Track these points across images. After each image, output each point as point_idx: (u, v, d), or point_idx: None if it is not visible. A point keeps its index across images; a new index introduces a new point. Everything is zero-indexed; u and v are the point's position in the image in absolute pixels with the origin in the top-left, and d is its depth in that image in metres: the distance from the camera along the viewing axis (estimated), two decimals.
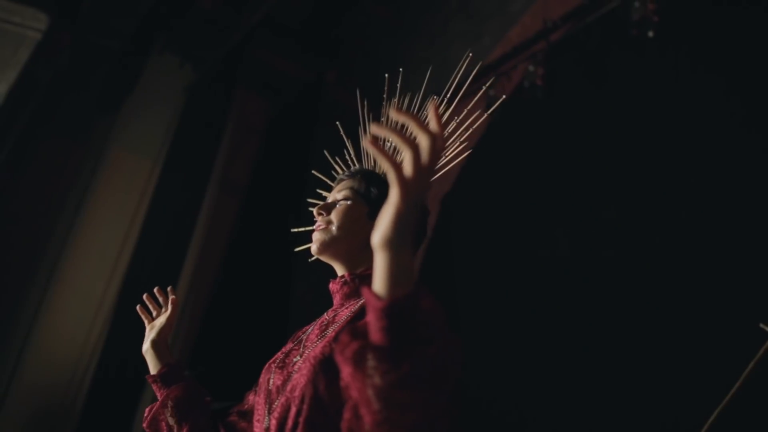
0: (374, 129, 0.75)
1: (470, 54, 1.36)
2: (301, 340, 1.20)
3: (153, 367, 1.40)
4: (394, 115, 0.74)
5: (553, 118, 2.77)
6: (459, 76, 1.41)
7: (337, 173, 1.48)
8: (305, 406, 1.02)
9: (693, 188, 2.17)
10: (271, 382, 1.15)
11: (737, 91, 2.15)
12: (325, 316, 1.21)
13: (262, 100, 4.13)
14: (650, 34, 2.38)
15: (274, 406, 1.09)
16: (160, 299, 1.46)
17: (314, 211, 1.27)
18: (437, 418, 0.73)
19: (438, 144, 0.74)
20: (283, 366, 1.14)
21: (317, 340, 1.13)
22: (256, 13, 3.62)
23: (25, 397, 3.00)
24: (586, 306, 2.28)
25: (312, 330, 1.20)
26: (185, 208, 3.78)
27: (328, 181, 1.60)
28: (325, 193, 1.63)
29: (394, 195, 0.73)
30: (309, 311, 1.41)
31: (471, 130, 1.36)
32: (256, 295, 3.37)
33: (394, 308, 0.72)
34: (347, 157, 1.54)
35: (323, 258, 1.22)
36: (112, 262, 3.39)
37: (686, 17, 2.40)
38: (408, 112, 0.74)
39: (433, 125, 0.74)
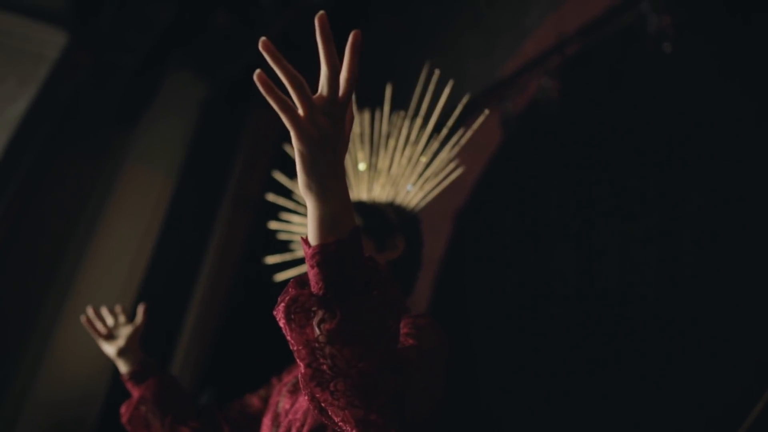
0: (264, 48, 0.70)
1: (453, 82, 1.36)
2: None
3: (124, 367, 1.40)
4: (265, 53, 0.70)
5: (568, 131, 2.74)
6: (466, 94, 1.41)
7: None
8: (306, 428, 1.02)
9: (712, 202, 2.14)
10: (280, 405, 1.15)
11: (758, 103, 2.12)
12: None
13: (275, 113, 4.15)
14: (667, 47, 2.35)
15: (279, 429, 1.10)
16: (110, 319, 1.47)
17: None
18: (383, 378, 0.69)
19: (351, 76, 0.70)
20: (293, 391, 1.14)
21: None
22: (271, 29, 3.65)
23: (38, 414, 3.00)
24: (606, 323, 2.24)
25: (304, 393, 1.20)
26: (199, 223, 3.79)
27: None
28: None
29: (292, 138, 0.70)
30: None
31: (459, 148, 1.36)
32: (271, 311, 3.35)
33: (323, 254, 0.70)
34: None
35: None
36: (126, 277, 3.40)
37: (704, 30, 2.37)
38: (277, 55, 0.70)
39: (347, 61, 0.71)
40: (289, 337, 0.71)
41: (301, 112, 0.71)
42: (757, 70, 2.18)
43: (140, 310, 1.44)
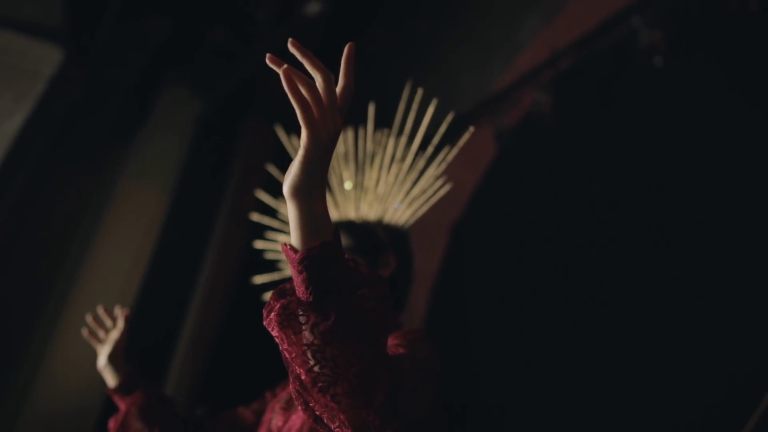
0: (293, 48, 0.71)
1: (438, 99, 1.37)
2: None
3: (111, 380, 1.40)
4: (292, 49, 0.71)
5: (562, 145, 2.76)
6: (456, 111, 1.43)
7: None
8: None
9: (705, 215, 2.15)
10: (273, 422, 1.16)
11: (751, 115, 2.14)
12: None
13: (272, 129, 4.17)
14: (659, 61, 2.38)
15: None
16: (106, 320, 1.47)
17: None
18: (378, 375, 0.70)
19: (347, 87, 0.72)
20: (287, 408, 1.14)
21: None
22: (266, 45, 3.68)
23: (34, 427, 2.98)
24: (601, 334, 2.24)
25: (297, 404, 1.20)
26: (195, 238, 3.79)
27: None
28: None
29: (303, 136, 0.71)
30: None
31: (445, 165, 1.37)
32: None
33: (311, 258, 0.70)
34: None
35: None
36: (122, 292, 3.39)
37: (695, 44, 2.40)
38: (306, 50, 0.71)
39: (343, 70, 0.72)
40: (285, 347, 0.71)
41: (315, 113, 0.71)
42: (749, 82, 2.21)
43: (121, 315, 1.44)
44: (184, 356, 3.40)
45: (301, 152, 0.72)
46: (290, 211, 0.72)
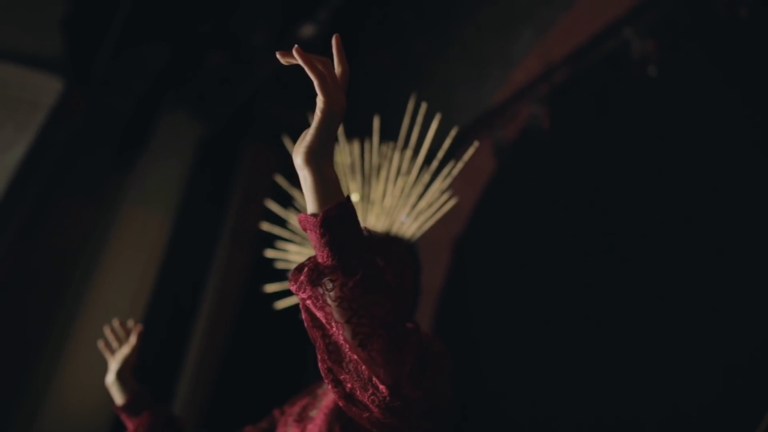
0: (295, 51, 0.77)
1: (441, 114, 1.39)
2: (317, 394, 1.20)
3: (119, 398, 1.39)
4: (293, 54, 0.77)
5: (561, 156, 2.78)
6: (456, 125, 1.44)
7: None
8: None
9: (703, 223, 2.16)
10: None
11: (744, 121, 2.16)
12: None
13: (271, 151, 4.20)
14: (652, 71, 2.40)
15: None
16: (121, 332, 1.47)
17: None
18: (408, 335, 0.74)
19: (345, 71, 0.79)
20: (300, 420, 1.14)
21: (331, 393, 1.12)
22: (264, 68, 3.72)
23: None
24: (602, 344, 2.24)
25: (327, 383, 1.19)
26: (198, 260, 3.79)
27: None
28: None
29: (319, 103, 0.76)
30: None
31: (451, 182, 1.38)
32: (272, 349, 3.33)
33: (331, 219, 0.73)
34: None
35: None
36: (126, 316, 3.39)
37: (688, 52, 2.43)
38: (303, 52, 0.77)
39: (336, 59, 0.79)
40: (318, 309, 0.73)
41: (329, 82, 0.77)
42: (742, 88, 2.23)
43: (135, 330, 1.45)
44: (190, 380, 3.39)
45: (317, 118, 0.76)
46: (305, 178, 0.76)
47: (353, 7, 3.52)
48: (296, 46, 0.76)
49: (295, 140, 0.75)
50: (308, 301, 0.73)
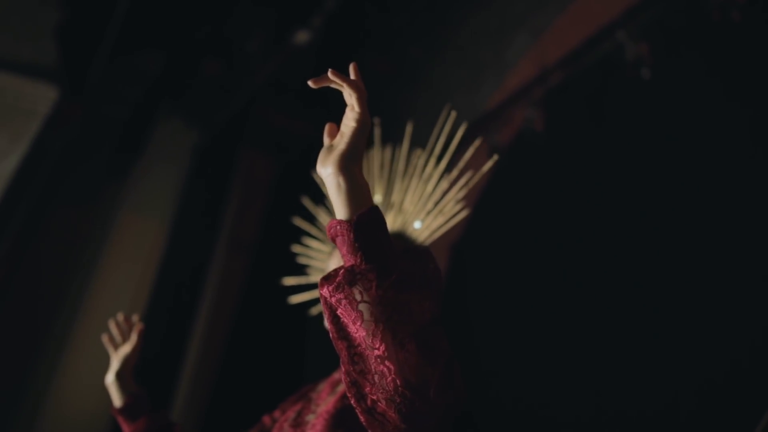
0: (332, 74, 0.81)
1: (452, 110, 1.39)
2: (311, 398, 1.20)
3: (117, 399, 1.39)
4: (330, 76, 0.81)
5: (556, 160, 2.79)
6: (457, 127, 1.45)
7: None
8: None
9: (698, 226, 2.16)
10: None
11: (740, 124, 2.17)
12: (336, 374, 1.21)
13: (267, 157, 4.20)
14: (646, 74, 2.42)
15: None
16: (125, 327, 1.48)
17: None
18: (441, 336, 0.75)
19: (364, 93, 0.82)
20: (296, 425, 1.14)
21: (329, 397, 1.13)
22: (260, 74, 3.72)
23: None
24: (601, 345, 2.24)
25: (323, 387, 1.19)
26: (195, 267, 3.79)
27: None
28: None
29: (357, 114, 0.80)
30: (323, 368, 1.39)
31: (468, 184, 1.38)
32: (269, 355, 3.33)
33: (365, 223, 0.75)
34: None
35: None
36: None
37: (682, 54, 2.44)
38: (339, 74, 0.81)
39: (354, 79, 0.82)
40: (352, 308, 0.73)
41: (365, 94, 0.82)
42: (735, 91, 2.24)
43: (136, 327, 1.46)
44: (187, 388, 3.38)
45: (353, 128, 0.80)
46: (339, 185, 0.78)
47: (347, 14, 3.53)
48: (330, 69, 0.79)
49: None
50: (343, 302, 0.73)
